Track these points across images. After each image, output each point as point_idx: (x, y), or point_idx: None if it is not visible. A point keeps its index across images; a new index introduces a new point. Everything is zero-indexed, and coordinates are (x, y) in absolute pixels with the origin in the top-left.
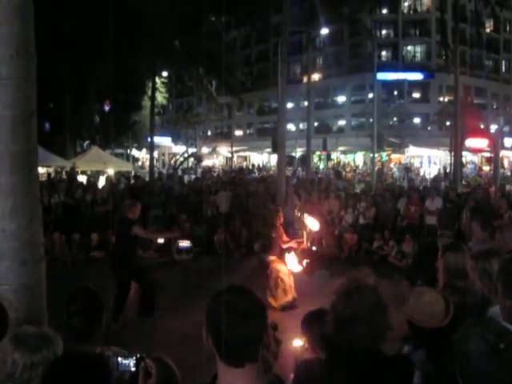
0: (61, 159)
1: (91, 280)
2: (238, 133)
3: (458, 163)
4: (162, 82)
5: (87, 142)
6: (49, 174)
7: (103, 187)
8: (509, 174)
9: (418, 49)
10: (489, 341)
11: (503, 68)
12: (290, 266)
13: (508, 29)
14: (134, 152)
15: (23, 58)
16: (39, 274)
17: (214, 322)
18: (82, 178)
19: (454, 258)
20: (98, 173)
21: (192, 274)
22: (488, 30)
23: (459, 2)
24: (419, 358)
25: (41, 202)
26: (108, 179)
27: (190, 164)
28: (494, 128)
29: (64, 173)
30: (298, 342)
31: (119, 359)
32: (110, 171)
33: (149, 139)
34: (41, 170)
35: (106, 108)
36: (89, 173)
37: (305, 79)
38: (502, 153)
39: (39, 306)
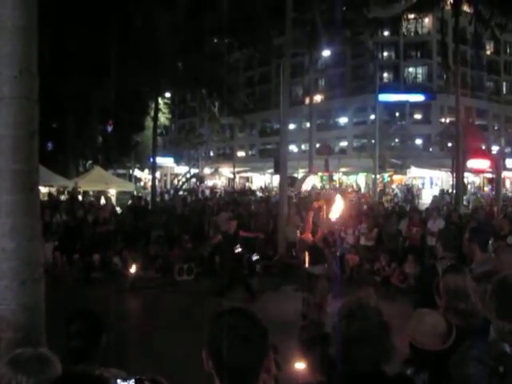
0: (63, 179)
1: (92, 301)
2: (240, 154)
3: (459, 184)
4: (165, 103)
5: (90, 161)
6: (50, 194)
7: (105, 207)
8: (510, 194)
9: (420, 70)
10: (488, 364)
11: (504, 89)
12: None
13: (508, 51)
14: (137, 172)
15: (26, 78)
16: (38, 294)
17: (215, 345)
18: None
19: (453, 280)
20: (100, 193)
21: (193, 295)
22: (488, 52)
23: (460, 25)
24: (421, 381)
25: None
26: (108, 199)
27: (192, 185)
28: (495, 149)
29: (66, 192)
30: (298, 365)
31: (118, 381)
32: (112, 191)
33: (151, 160)
34: (43, 189)
35: (109, 128)
36: (91, 193)
37: (307, 100)
38: (504, 174)
39: (38, 326)
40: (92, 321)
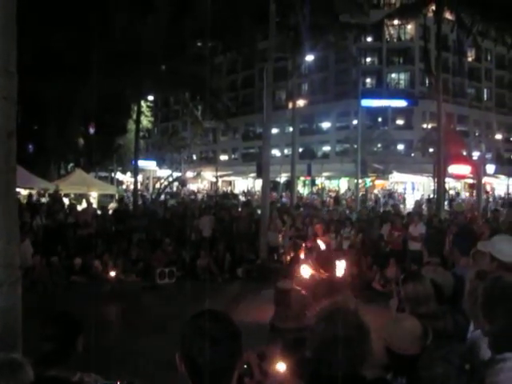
0: (44, 181)
1: (72, 304)
2: (223, 157)
3: (441, 189)
4: (148, 106)
5: (71, 164)
6: (30, 196)
7: (85, 210)
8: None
9: (402, 76)
10: (454, 363)
11: (485, 96)
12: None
13: (489, 58)
14: (119, 175)
15: (4, 77)
16: (15, 297)
17: (187, 347)
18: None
19: (412, 287)
20: (82, 196)
21: (174, 299)
22: (470, 59)
23: (442, 32)
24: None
25: (23, 223)
26: (88, 202)
27: (175, 188)
28: (476, 155)
29: (47, 195)
30: (277, 369)
31: None
32: (94, 194)
33: (133, 163)
34: (23, 191)
35: (91, 131)
36: (72, 195)
37: (290, 105)
38: (485, 179)
39: (14, 329)
40: (67, 324)
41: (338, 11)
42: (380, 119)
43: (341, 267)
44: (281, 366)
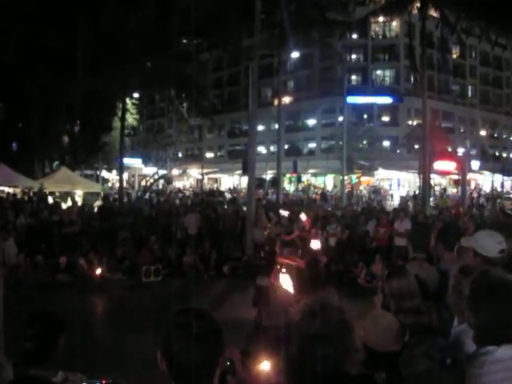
0: (28, 179)
1: (57, 303)
2: (209, 155)
3: (426, 185)
4: (133, 104)
5: (56, 162)
6: (14, 195)
7: (70, 208)
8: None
9: (387, 73)
10: (435, 358)
11: (469, 93)
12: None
13: (474, 55)
14: (104, 173)
15: None
16: None
17: (168, 344)
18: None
19: (396, 283)
20: (67, 194)
21: (160, 297)
22: (454, 56)
23: (426, 29)
24: (379, 379)
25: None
26: (73, 200)
27: (161, 186)
28: (461, 151)
29: (32, 193)
30: (264, 367)
31: None
32: (79, 192)
33: (119, 160)
34: (8, 190)
35: (76, 129)
36: (57, 194)
37: (275, 102)
38: (470, 175)
39: None
40: (49, 323)
41: (323, 8)
42: (365, 116)
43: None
44: (266, 364)
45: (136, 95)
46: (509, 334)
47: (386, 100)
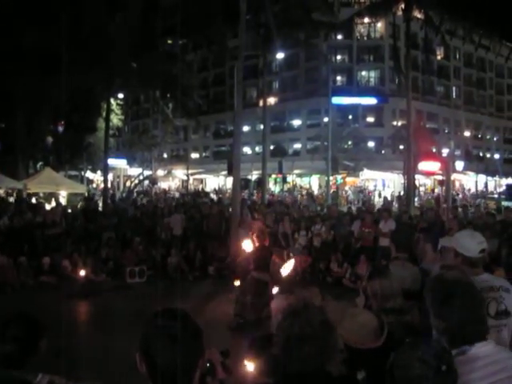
0: (12, 180)
1: (40, 305)
2: (194, 155)
3: (410, 186)
4: (118, 104)
5: (40, 163)
6: None
7: (53, 209)
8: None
9: (372, 74)
10: (430, 364)
11: (453, 94)
12: None
13: (458, 56)
14: (89, 174)
15: None
16: None
17: (146, 345)
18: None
19: (378, 283)
20: (51, 195)
21: (144, 298)
22: (439, 58)
23: (411, 30)
24: (360, 377)
25: None
26: (57, 201)
27: (145, 187)
28: (445, 152)
29: (15, 194)
30: (246, 368)
31: None
32: (63, 193)
33: (103, 161)
34: None
35: (60, 129)
36: (41, 195)
37: (261, 103)
38: (454, 176)
39: None
40: (29, 325)
41: (308, 9)
42: (350, 116)
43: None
44: (248, 365)
45: (121, 95)
46: (479, 331)
47: (371, 101)
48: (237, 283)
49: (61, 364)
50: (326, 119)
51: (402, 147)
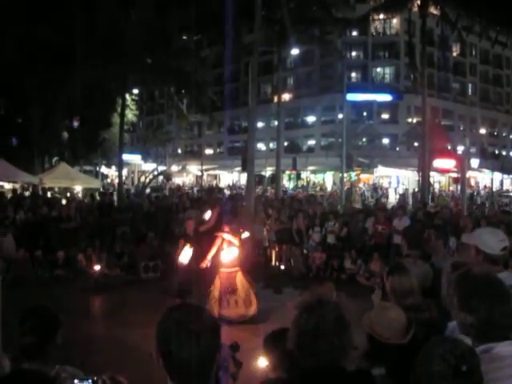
0: (28, 175)
1: (55, 298)
2: (208, 151)
3: (425, 183)
4: (133, 100)
5: (56, 158)
6: (14, 190)
7: (68, 204)
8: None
9: (387, 70)
10: (450, 363)
11: (469, 91)
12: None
13: (474, 53)
14: (104, 169)
15: None
16: None
17: (164, 341)
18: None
19: (398, 280)
20: (66, 189)
21: (158, 293)
22: (455, 54)
23: (427, 26)
24: (378, 372)
25: (6, 217)
26: (72, 196)
27: (160, 182)
28: (460, 149)
29: (31, 189)
30: (260, 363)
31: (75, 381)
32: (78, 188)
33: (118, 156)
34: (7, 185)
35: (75, 124)
36: (56, 189)
37: (275, 99)
38: (469, 173)
39: None
40: (46, 317)
41: (324, 5)
42: (365, 113)
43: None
44: (260, 359)
45: (135, 91)
46: (507, 329)
47: (386, 97)
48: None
49: (74, 356)
50: (340, 116)
51: (416, 144)
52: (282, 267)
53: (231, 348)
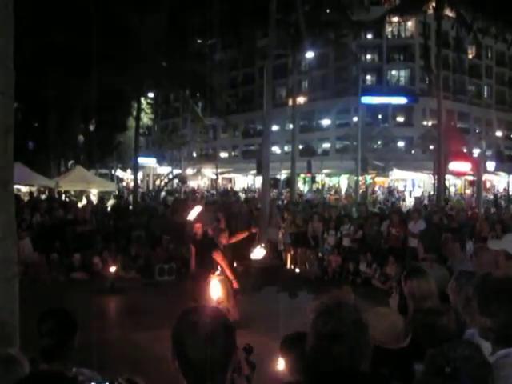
0: (44, 178)
1: (71, 301)
2: (223, 155)
3: (441, 186)
4: (148, 103)
5: (72, 161)
6: (31, 193)
7: (84, 207)
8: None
9: (402, 73)
10: (436, 362)
11: (485, 93)
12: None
13: (490, 55)
14: (119, 172)
15: (1, 73)
16: (12, 293)
17: (180, 343)
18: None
19: (416, 284)
20: (82, 193)
21: (174, 296)
22: (470, 56)
23: (442, 29)
24: None
25: (22, 220)
26: (88, 199)
27: (175, 186)
28: (476, 152)
29: (47, 192)
30: (275, 366)
31: None
32: (94, 191)
33: (133, 160)
34: (24, 189)
35: (91, 128)
36: (72, 192)
37: (290, 102)
38: (485, 176)
39: (10, 325)
40: (64, 320)
41: (340, 8)
42: (380, 116)
43: None
44: (279, 362)
45: (151, 95)
46: None
47: (401, 100)
48: None
49: (91, 359)
50: (355, 119)
51: (432, 147)
52: (297, 270)
53: (245, 350)
